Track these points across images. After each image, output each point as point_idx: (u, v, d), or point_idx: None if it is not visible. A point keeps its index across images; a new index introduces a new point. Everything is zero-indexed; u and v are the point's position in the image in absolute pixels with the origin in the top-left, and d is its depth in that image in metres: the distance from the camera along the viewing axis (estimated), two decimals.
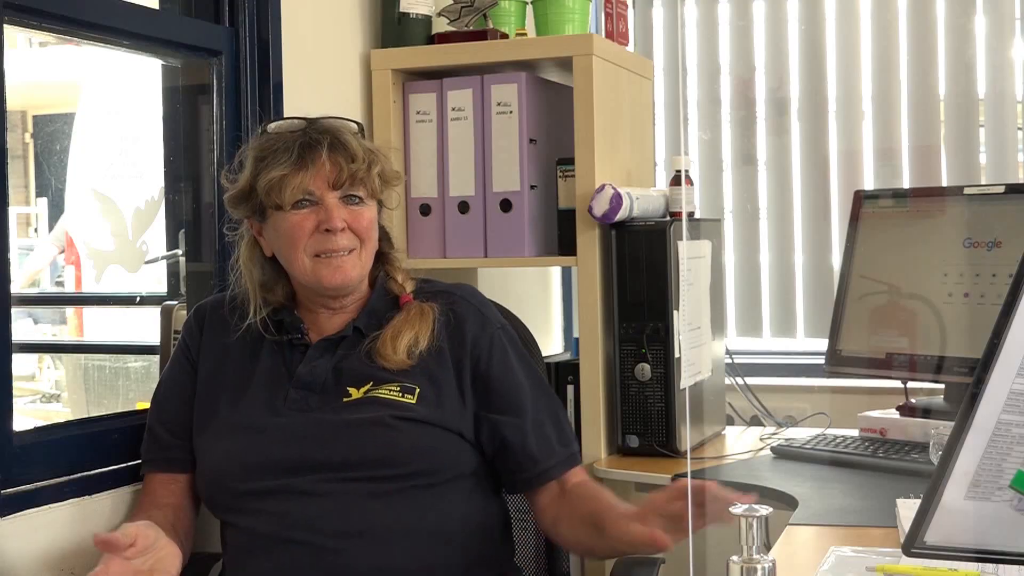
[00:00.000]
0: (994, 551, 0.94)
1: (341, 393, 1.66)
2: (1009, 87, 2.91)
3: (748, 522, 1.09)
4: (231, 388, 1.70)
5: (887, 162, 2.99)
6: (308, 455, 1.61)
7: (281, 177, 1.62)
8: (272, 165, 1.63)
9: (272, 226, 1.67)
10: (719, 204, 3.11)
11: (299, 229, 1.64)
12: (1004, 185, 2.15)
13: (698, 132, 3.13)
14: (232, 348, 1.72)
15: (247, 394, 1.68)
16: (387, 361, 1.66)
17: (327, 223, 1.63)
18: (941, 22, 2.94)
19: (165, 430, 1.73)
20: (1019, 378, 0.89)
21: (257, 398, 1.67)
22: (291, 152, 1.63)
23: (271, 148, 1.66)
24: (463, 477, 1.67)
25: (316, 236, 1.64)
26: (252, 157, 1.68)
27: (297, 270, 1.67)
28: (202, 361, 1.73)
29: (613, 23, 2.45)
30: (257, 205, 1.67)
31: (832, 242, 3.02)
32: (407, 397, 1.65)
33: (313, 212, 1.64)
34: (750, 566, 1.09)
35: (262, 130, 1.72)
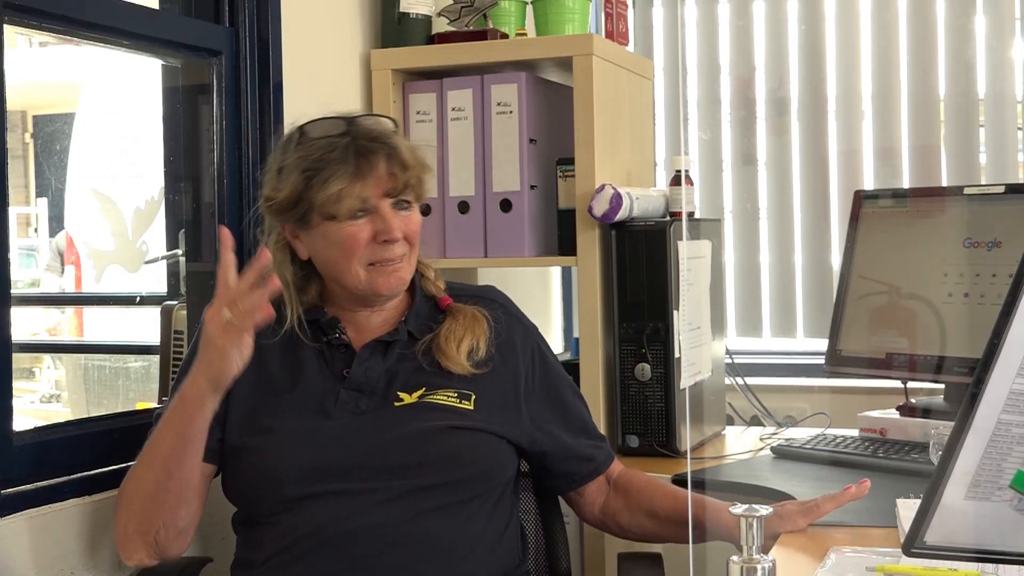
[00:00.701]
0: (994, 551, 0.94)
1: (392, 397, 1.63)
2: (1009, 87, 2.91)
3: (748, 522, 1.09)
4: (277, 390, 1.64)
5: (887, 162, 2.99)
6: (364, 459, 1.58)
7: (340, 190, 1.58)
8: (328, 176, 1.59)
9: (320, 235, 1.62)
10: (719, 204, 3.11)
11: (355, 240, 1.61)
12: (1004, 185, 2.15)
13: (698, 132, 3.13)
14: (271, 350, 1.64)
15: (295, 395, 1.63)
16: (453, 364, 1.65)
17: (386, 234, 1.61)
18: (941, 22, 2.94)
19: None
20: (1019, 378, 0.89)
21: (306, 399, 1.62)
22: (347, 162, 1.59)
23: (322, 158, 1.60)
24: (505, 484, 1.68)
25: (372, 246, 1.62)
26: (299, 167, 1.61)
27: (350, 279, 1.63)
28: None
29: (613, 23, 2.45)
30: (302, 214, 1.62)
31: (832, 242, 3.02)
32: (464, 403, 1.64)
33: (369, 222, 1.61)
34: (750, 566, 1.09)
35: (300, 133, 1.65)
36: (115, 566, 1.75)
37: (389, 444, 1.59)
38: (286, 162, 1.63)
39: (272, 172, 1.66)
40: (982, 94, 2.93)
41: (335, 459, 1.57)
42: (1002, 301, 0.88)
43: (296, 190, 1.60)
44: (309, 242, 1.65)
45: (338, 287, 1.68)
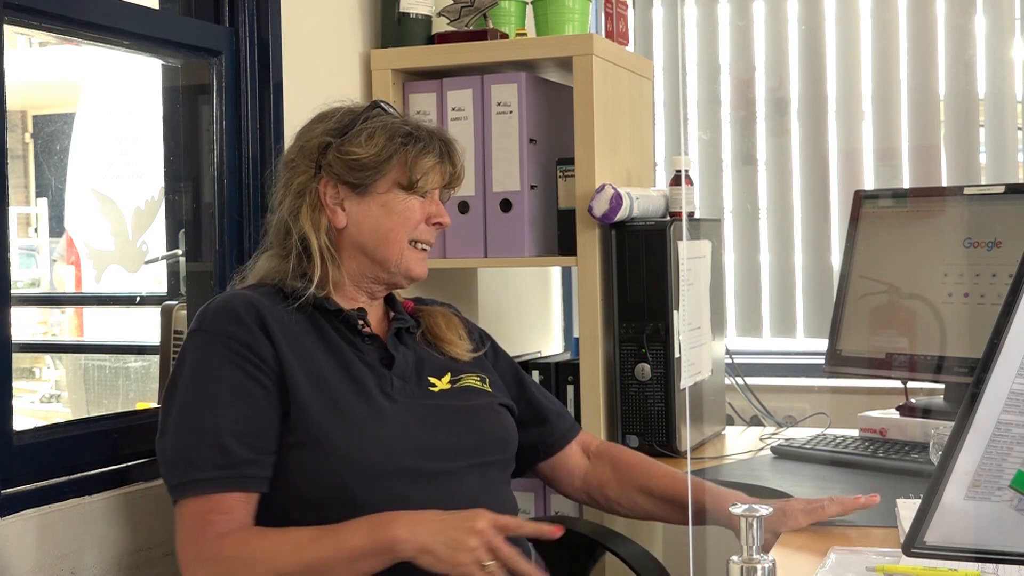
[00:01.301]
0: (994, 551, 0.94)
1: (425, 383, 1.66)
2: (1009, 87, 2.91)
3: (748, 522, 1.09)
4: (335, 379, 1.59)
5: (887, 162, 2.99)
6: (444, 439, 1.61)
7: (433, 164, 1.66)
8: (423, 149, 1.66)
9: (380, 202, 1.65)
10: (719, 204, 3.11)
11: (414, 214, 1.66)
12: (1004, 185, 2.15)
13: (698, 132, 3.13)
14: (305, 338, 1.60)
15: (355, 383, 1.59)
16: (458, 350, 1.73)
17: (439, 217, 1.69)
18: (941, 22, 2.94)
19: (243, 445, 1.50)
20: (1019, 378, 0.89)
21: (366, 386, 1.60)
22: (433, 143, 1.67)
23: (412, 133, 1.66)
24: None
25: (422, 226, 1.68)
26: (387, 132, 1.64)
27: (392, 252, 1.65)
28: (285, 360, 1.55)
29: (613, 23, 2.45)
30: (368, 178, 1.63)
31: (832, 242, 3.02)
32: (485, 385, 1.73)
33: (426, 204, 1.68)
34: (750, 566, 1.09)
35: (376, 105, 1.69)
36: (115, 566, 1.75)
37: (455, 425, 1.63)
38: (371, 126, 1.65)
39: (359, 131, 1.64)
40: (982, 94, 2.93)
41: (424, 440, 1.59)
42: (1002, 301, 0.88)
43: (384, 152, 1.63)
44: (359, 209, 1.65)
45: (362, 266, 1.67)
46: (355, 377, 1.60)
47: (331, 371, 1.59)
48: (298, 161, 1.68)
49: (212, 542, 1.46)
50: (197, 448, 1.50)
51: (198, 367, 1.55)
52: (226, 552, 1.46)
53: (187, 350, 1.57)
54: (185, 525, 1.50)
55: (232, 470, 1.49)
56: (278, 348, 1.55)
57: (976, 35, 2.92)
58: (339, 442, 1.53)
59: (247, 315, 1.56)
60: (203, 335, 1.55)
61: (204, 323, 1.57)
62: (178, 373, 1.56)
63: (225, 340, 1.54)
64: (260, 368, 1.54)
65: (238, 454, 1.49)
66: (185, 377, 1.55)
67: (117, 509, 1.76)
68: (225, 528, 1.48)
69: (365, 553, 1.43)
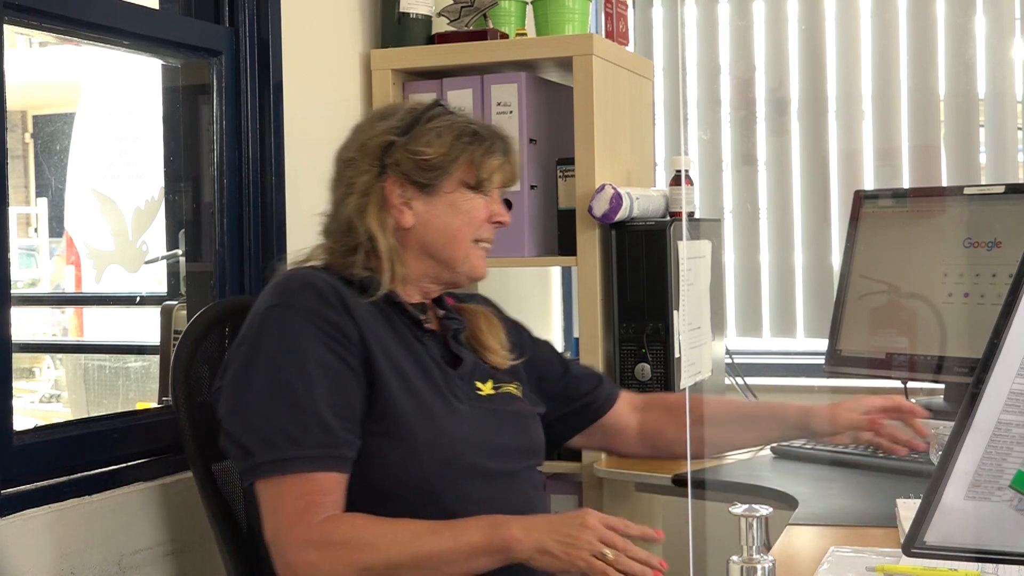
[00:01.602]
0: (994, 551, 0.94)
1: (473, 386, 1.66)
2: (1009, 87, 2.91)
3: (748, 522, 1.09)
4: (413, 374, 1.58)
5: (887, 162, 2.99)
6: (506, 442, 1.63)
7: (500, 163, 1.67)
8: (490, 147, 1.66)
9: (447, 202, 1.64)
10: (719, 204, 3.11)
11: (480, 212, 1.66)
12: (1004, 185, 2.15)
13: (698, 132, 3.13)
14: (381, 329, 1.58)
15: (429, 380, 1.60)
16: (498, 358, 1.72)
17: (500, 216, 1.70)
18: (941, 22, 2.94)
19: (343, 426, 1.48)
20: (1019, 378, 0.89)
21: (437, 384, 1.60)
22: (497, 142, 1.67)
23: (478, 132, 1.66)
24: None
25: (485, 224, 1.68)
26: (454, 131, 1.64)
27: (459, 251, 1.65)
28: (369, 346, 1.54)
29: (613, 23, 2.45)
30: (436, 177, 1.63)
31: (832, 242, 3.02)
32: (520, 393, 1.74)
33: (488, 202, 1.68)
34: (750, 566, 1.09)
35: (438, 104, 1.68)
36: (115, 566, 1.75)
37: (508, 429, 1.65)
38: (437, 125, 1.64)
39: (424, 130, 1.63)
40: (982, 94, 2.93)
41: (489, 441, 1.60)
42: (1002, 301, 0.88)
43: (452, 152, 1.63)
44: (426, 208, 1.64)
45: (428, 264, 1.66)
46: (428, 373, 1.60)
47: (408, 365, 1.58)
48: (360, 159, 1.64)
49: (321, 525, 1.43)
50: (300, 425, 1.45)
51: (286, 343, 1.50)
52: (339, 536, 1.43)
53: (270, 324, 1.51)
54: (287, 504, 1.44)
55: (334, 449, 1.46)
56: (363, 332, 1.53)
57: (976, 35, 2.92)
58: (423, 436, 1.53)
59: (330, 295, 1.53)
60: (288, 311, 1.51)
61: (288, 298, 1.53)
62: (258, 346, 1.51)
63: (312, 317, 1.50)
64: (347, 348, 1.51)
65: (339, 434, 1.47)
66: (270, 351, 1.50)
67: (117, 509, 1.76)
68: (329, 510, 1.45)
69: (482, 551, 1.43)
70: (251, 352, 1.51)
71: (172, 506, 1.87)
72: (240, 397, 1.50)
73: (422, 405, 1.55)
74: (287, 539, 1.44)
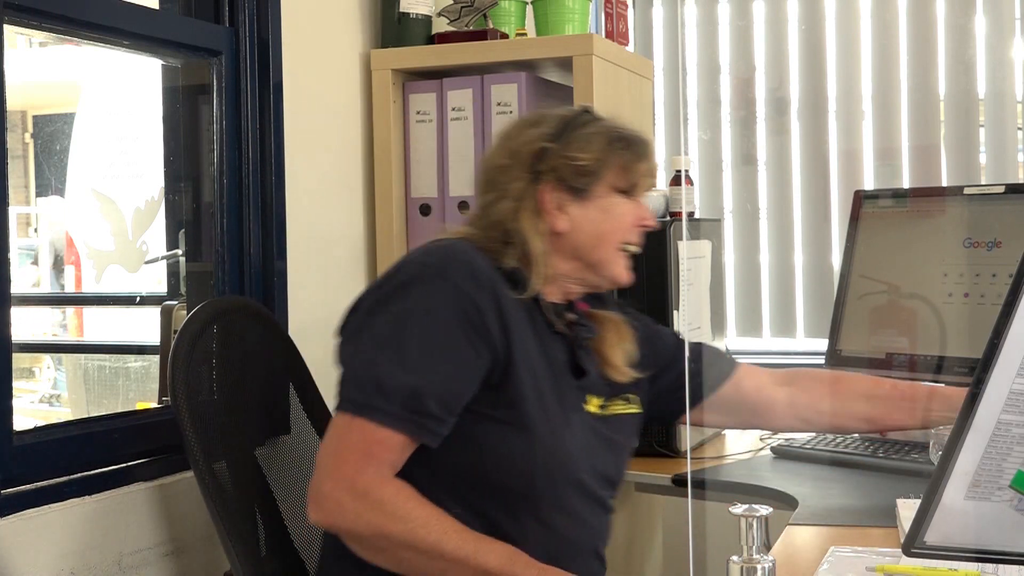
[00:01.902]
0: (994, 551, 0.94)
1: (584, 399, 1.64)
2: (1009, 87, 2.91)
3: (748, 522, 1.09)
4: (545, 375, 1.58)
5: (887, 162, 2.99)
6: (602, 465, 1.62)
7: (649, 167, 1.69)
8: (641, 152, 1.67)
9: (600, 206, 1.64)
10: (719, 204, 3.11)
11: (629, 217, 1.66)
12: (1004, 185, 2.15)
13: (698, 132, 3.13)
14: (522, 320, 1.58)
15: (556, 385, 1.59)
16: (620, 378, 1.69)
17: (647, 220, 1.69)
18: (941, 22, 2.94)
19: (435, 399, 1.47)
20: (1019, 378, 0.89)
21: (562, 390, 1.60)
22: (645, 147, 1.69)
23: (627, 137, 1.67)
24: None
25: (633, 229, 1.68)
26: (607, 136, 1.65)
27: (607, 256, 1.65)
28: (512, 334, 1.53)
29: (613, 23, 2.45)
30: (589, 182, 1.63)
31: (832, 242, 3.02)
32: (630, 407, 1.72)
33: (636, 207, 1.68)
34: (750, 566, 1.09)
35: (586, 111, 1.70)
36: (115, 566, 1.75)
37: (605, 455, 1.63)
38: (588, 131, 1.65)
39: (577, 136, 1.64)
40: (982, 94, 2.93)
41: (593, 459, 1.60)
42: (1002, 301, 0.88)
43: (604, 157, 1.63)
44: (580, 213, 1.63)
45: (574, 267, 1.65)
46: (556, 375, 1.60)
47: (540, 363, 1.58)
48: (513, 165, 1.64)
49: (370, 477, 1.44)
50: (393, 380, 1.46)
51: (424, 308, 1.51)
52: (379, 495, 1.44)
53: (417, 283, 1.52)
54: (351, 441, 1.46)
55: (415, 415, 1.46)
56: (505, 323, 1.53)
57: (976, 35, 2.92)
58: (542, 436, 1.53)
59: (484, 279, 1.53)
60: (439, 280, 1.51)
61: (445, 267, 1.53)
62: (395, 296, 1.52)
63: (459, 295, 1.51)
64: (481, 335, 1.50)
65: (427, 406, 1.47)
66: (404, 307, 1.51)
67: (117, 509, 1.76)
68: (384, 469, 1.46)
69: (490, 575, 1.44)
70: (387, 299, 1.53)
71: (172, 506, 1.87)
72: (358, 334, 1.53)
73: (545, 407, 1.55)
74: (332, 472, 1.45)
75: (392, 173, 2.39)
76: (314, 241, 2.25)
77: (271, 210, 2.11)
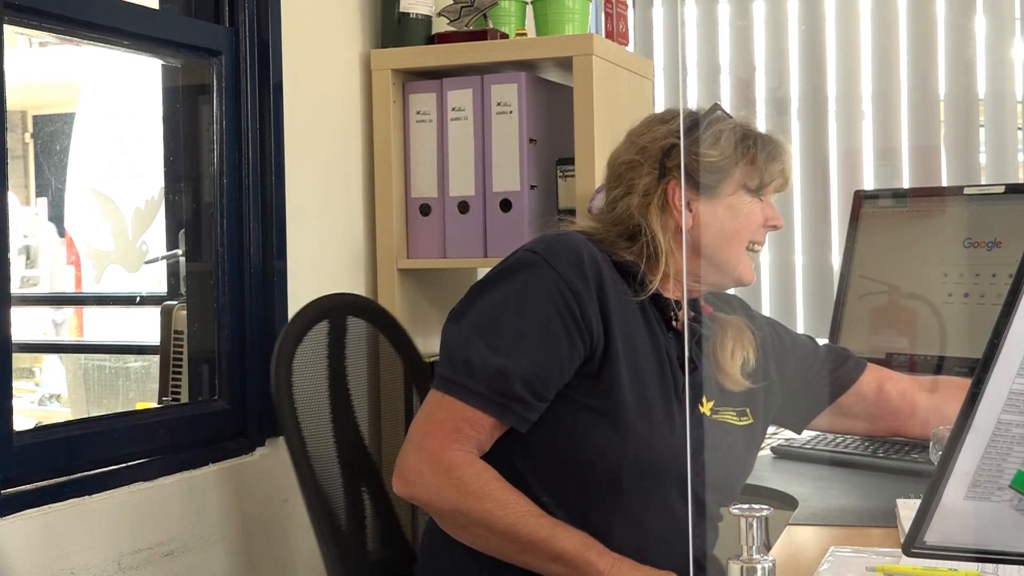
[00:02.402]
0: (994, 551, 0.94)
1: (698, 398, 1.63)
2: (1009, 87, 2.91)
3: (748, 522, 1.09)
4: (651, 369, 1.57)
5: (887, 162, 2.99)
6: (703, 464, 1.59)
7: (781, 169, 1.66)
8: (773, 151, 1.65)
9: (728, 205, 1.63)
10: None
11: (757, 216, 1.65)
12: (1004, 185, 2.15)
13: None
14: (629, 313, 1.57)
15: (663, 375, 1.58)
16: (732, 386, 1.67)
17: (776, 220, 1.68)
18: (941, 22, 2.94)
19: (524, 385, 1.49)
20: (1019, 378, 0.89)
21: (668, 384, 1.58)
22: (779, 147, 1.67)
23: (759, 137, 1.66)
24: None
25: (760, 229, 1.67)
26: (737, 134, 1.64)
27: (732, 256, 1.64)
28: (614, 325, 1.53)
29: (613, 23, 2.45)
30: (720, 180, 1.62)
31: (832, 242, 3.02)
32: (743, 420, 1.68)
33: (763, 206, 1.66)
34: (750, 566, 1.09)
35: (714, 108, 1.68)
36: (115, 566, 1.75)
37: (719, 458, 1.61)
38: (718, 128, 1.64)
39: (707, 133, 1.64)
40: (982, 94, 2.93)
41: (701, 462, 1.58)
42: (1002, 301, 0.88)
43: (734, 154, 1.62)
44: (706, 211, 1.63)
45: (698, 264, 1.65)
46: (663, 370, 1.58)
47: (646, 358, 1.57)
48: (641, 162, 1.64)
49: (456, 453, 1.47)
50: (482, 361, 1.49)
51: (524, 293, 1.53)
52: (462, 472, 1.47)
53: (522, 269, 1.54)
54: (439, 417, 1.50)
55: (501, 396, 1.48)
56: (607, 314, 1.53)
57: (976, 35, 2.92)
58: (637, 431, 1.52)
59: (590, 270, 1.54)
60: (542, 266, 1.53)
61: (551, 256, 1.53)
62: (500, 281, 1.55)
63: (560, 282, 1.51)
64: (576, 324, 1.51)
65: (514, 389, 1.48)
66: (506, 291, 1.54)
67: (117, 509, 1.76)
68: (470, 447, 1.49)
69: (567, 560, 1.44)
70: (493, 283, 1.57)
71: (172, 506, 1.87)
72: (461, 316, 1.56)
73: (646, 402, 1.54)
74: (419, 445, 1.49)
75: (392, 173, 2.39)
76: (314, 241, 2.25)
77: (271, 210, 2.11)
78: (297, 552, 2.14)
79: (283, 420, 1.72)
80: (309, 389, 1.79)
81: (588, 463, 1.52)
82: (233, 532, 1.99)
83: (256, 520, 2.06)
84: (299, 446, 1.71)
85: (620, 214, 1.63)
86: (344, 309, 1.92)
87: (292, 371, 1.75)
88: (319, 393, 1.82)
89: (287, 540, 2.13)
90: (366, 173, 2.44)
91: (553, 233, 1.61)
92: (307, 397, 1.78)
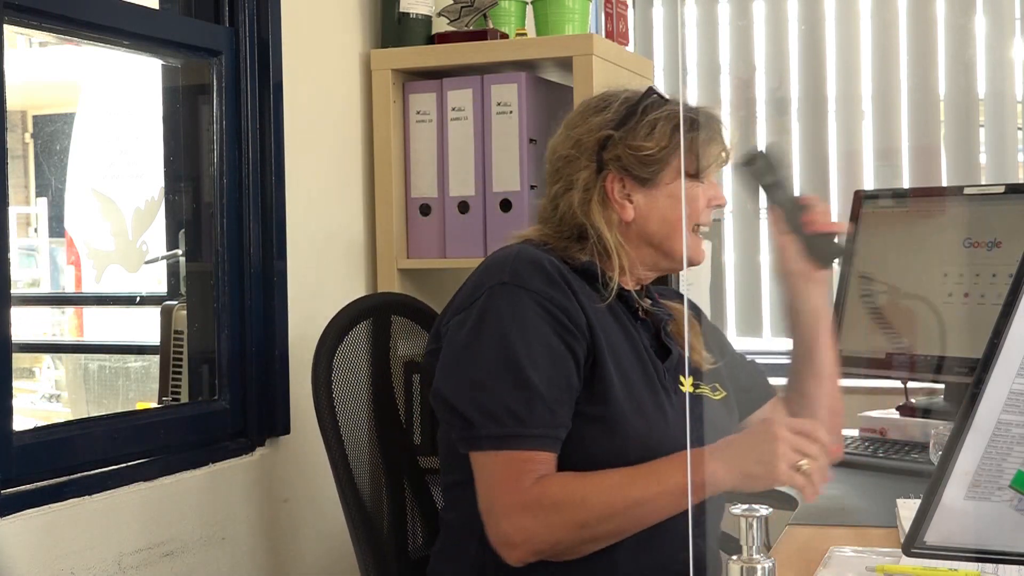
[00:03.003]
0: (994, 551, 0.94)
1: (677, 380, 1.62)
2: (1009, 87, 2.91)
3: (748, 522, 1.09)
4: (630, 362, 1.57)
5: (887, 162, 2.99)
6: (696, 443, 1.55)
7: (720, 151, 1.64)
8: (709, 136, 1.62)
9: (666, 192, 1.60)
10: None
11: (699, 200, 1.63)
12: (1004, 185, 2.15)
13: None
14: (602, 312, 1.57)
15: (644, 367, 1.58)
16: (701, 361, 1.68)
17: (718, 199, 1.66)
18: (941, 22, 2.94)
19: (563, 408, 1.49)
20: (1019, 378, 0.89)
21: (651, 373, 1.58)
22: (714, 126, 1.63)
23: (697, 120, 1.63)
24: None
25: (705, 211, 1.65)
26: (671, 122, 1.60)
27: (679, 239, 1.62)
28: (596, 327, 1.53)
29: (613, 23, 2.45)
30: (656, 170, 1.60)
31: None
32: (718, 395, 1.68)
33: (705, 188, 1.64)
34: (750, 566, 1.09)
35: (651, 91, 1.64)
36: (115, 566, 1.75)
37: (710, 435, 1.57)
38: (653, 116, 1.61)
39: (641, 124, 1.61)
40: (982, 94, 2.93)
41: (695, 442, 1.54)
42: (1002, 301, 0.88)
43: (671, 144, 1.59)
44: (647, 202, 1.61)
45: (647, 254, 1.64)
46: (642, 362, 1.58)
47: (626, 353, 1.57)
48: (577, 156, 1.62)
49: (533, 488, 1.44)
50: (525, 403, 1.46)
51: (516, 321, 1.50)
52: (551, 496, 1.44)
53: (498, 301, 1.51)
54: (498, 474, 1.46)
55: (554, 430, 1.47)
56: (588, 317, 1.52)
57: (976, 35, 2.92)
58: (634, 430, 1.51)
59: (558, 277, 1.53)
60: (517, 290, 1.51)
61: (517, 278, 1.51)
62: (485, 322, 1.51)
63: (541, 299, 1.50)
64: (573, 334, 1.50)
65: (560, 416, 1.47)
66: (499, 328, 1.50)
67: (117, 509, 1.76)
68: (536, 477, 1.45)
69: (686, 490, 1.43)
70: (477, 327, 1.51)
71: (172, 506, 1.87)
72: (465, 370, 1.51)
73: (635, 398, 1.54)
74: (501, 507, 1.45)
75: (392, 173, 2.39)
76: (314, 241, 2.25)
77: (271, 210, 2.11)
78: (297, 552, 2.14)
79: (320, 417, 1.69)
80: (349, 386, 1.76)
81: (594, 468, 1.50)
82: (233, 532, 1.99)
83: (256, 520, 2.06)
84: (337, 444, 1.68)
85: (563, 214, 1.62)
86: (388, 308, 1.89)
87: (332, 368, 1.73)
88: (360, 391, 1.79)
89: (287, 540, 2.13)
90: (366, 173, 2.44)
91: (506, 254, 1.57)
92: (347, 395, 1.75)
